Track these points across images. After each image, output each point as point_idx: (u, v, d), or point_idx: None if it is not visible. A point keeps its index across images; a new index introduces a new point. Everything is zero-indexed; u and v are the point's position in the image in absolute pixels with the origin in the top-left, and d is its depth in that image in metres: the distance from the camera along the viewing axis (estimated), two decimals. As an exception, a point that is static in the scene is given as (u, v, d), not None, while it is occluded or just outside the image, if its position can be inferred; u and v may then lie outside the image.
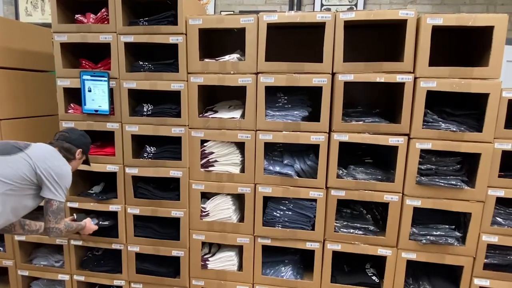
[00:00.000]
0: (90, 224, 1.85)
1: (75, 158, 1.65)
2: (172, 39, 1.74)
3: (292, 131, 1.73)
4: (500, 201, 1.65)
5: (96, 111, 1.86)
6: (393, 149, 1.67)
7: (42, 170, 1.47)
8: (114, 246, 1.99)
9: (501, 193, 1.62)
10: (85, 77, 1.84)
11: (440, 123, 1.62)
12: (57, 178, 1.51)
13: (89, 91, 1.85)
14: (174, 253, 1.93)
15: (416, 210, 1.69)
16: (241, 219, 1.90)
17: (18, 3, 3.84)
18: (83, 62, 1.93)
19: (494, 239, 1.65)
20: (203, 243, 1.94)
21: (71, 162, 1.64)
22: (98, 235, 1.94)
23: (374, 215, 1.86)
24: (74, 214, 1.91)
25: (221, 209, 1.87)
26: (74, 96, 1.92)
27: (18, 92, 2.16)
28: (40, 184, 1.50)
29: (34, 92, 2.29)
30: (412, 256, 1.73)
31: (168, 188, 1.96)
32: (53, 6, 1.83)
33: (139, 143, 1.94)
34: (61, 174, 1.53)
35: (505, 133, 1.57)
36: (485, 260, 1.68)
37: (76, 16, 1.88)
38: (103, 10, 1.83)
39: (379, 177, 1.74)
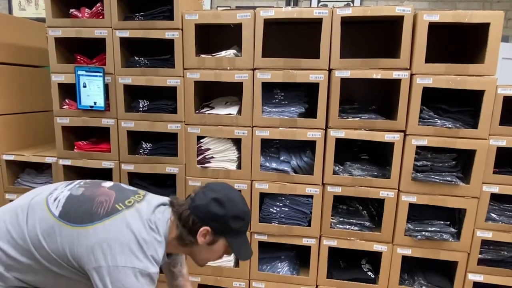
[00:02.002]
0: None
1: (197, 241, 1.12)
2: (168, 35, 1.73)
3: (289, 128, 1.73)
4: (494, 197, 1.66)
5: (91, 107, 1.85)
6: (389, 146, 1.68)
7: None
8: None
9: (495, 189, 1.63)
10: (80, 72, 1.82)
11: (436, 119, 1.63)
12: None
13: (84, 86, 1.83)
14: (171, 249, 1.93)
15: (412, 206, 1.70)
16: (238, 215, 1.90)
17: (11, -3, 3.80)
18: (78, 57, 1.91)
19: (488, 235, 1.67)
20: (200, 240, 1.94)
21: (192, 248, 1.15)
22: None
23: (370, 211, 1.87)
24: None
25: (218, 205, 1.87)
26: (69, 91, 1.90)
27: (12, 87, 2.14)
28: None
29: (28, 87, 2.27)
30: (408, 251, 1.74)
31: (165, 185, 1.95)
32: (47, 0, 1.81)
33: (135, 139, 1.93)
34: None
35: (500, 130, 1.59)
36: (479, 256, 1.70)
37: (71, 10, 1.86)
38: (98, 4, 1.81)
39: (375, 173, 1.75)
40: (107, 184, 1.22)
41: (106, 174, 1.95)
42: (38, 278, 1.13)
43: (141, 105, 1.86)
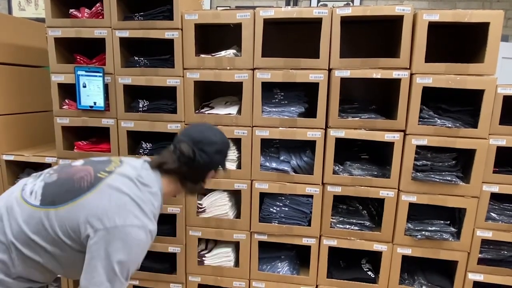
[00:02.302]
0: None
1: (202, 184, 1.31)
2: (167, 34, 1.73)
3: (289, 127, 1.73)
4: (494, 197, 1.66)
5: (91, 107, 1.85)
6: (389, 145, 1.68)
7: None
8: (110, 243, 1.98)
9: (495, 188, 1.63)
10: (79, 72, 1.82)
11: (436, 119, 1.63)
12: None
13: (84, 86, 1.83)
14: (171, 249, 1.93)
15: (412, 205, 1.70)
16: (238, 215, 1.90)
17: (11, -3, 3.80)
18: (78, 57, 1.91)
19: (488, 234, 1.67)
20: (200, 239, 1.94)
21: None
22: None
23: (370, 211, 1.87)
24: None
25: (218, 205, 1.87)
26: (69, 91, 1.90)
27: (11, 87, 2.14)
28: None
29: (28, 87, 2.27)
30: (408, 251, 1.74)
31: (164, 185, 1.95)
32: (47, 0, 1.81)
33: (135, 139, 1.93)
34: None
35: (500, 129, 1.58)
36: (479, 255, 1.70)
37: (70, 10, 1.86)
38: (98, 4, 1.81)
39: (375, 173, 1.75)
40: (78, 162, 1.22)
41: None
42: (43, 263, 1.12)
43: (141, 105, 1.86)
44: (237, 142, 1.81)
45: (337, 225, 1.79)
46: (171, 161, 1.20)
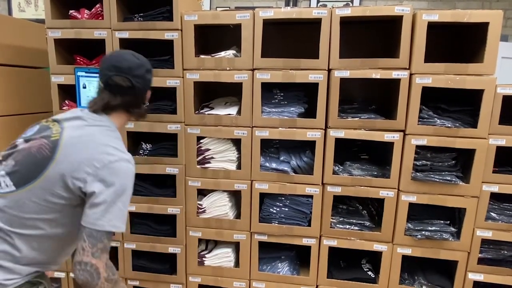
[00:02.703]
0: None
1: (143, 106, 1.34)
2: (167, 35, 1.73)
3: (288, 128, 1.73)
4: (494, 196, 1.66)
5: (91, 108, 1.85)
6: (389, 145, 1.68)
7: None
8: (110, 243, 1.98)
9: (495, 188, 1.63)
10: (79, 73, 1.82)
11: (435, 119, 1.63)
12: None
13: (84, 87, 1.83)
14: (171, 250, 1.93)
15: (412, 205, 1.70)
16: (238, 215, 1.90)
17: (11, -2, 3.80)
18: (78, 58, 1.91)
19: (488, 234, 1.67)
20: (200, 240, 1.95)
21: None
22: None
23: (370, 211, 1.87)
24: None
25: (218, 205, 1.87)
26: (69, 92, 1.90)
27: (11, 89, 2.14)
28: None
29: (28, 88, 2.27)
30: (408, 251, 1.74)
31: (164, 185, 1.95)
32: (47, 1, 1.81)
33: (135, 140, 1.94)
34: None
35: (499, 129, 1.59)
36: (479, 255, 1.70)
37: (70, 11, 1.86)
38: (98, 5, 1.81)
39: (375, 173, 1.75)
40: (20, 140, 1.20)
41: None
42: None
43: (140, 106, 1.86)
44: (237, 142, 1.81)
45: (337, 225, 1.79)
46: (112, 98, 1.22)
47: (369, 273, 1.83)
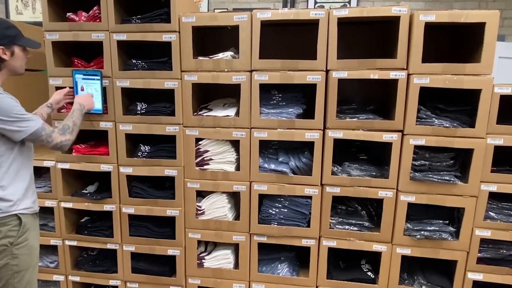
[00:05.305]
0: (80, 97, 1.71)
1: (4, 60, 1.48)
2: (165, 37, 1.73)
3: (287, 129, 1.73)
4: (492, 196, 1.67)
5: (89, 110, 1.84)
6: (387, 146, 1.68)
7: None
8: (109, 246, 1.98)
9: (493, 187, 1.64)
10: (77, 76, 1.82)
11: (434, 119, 1.63)
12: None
13: (82, 90, 1.83)
14: (170, 252, 1.93)
15: (410, 205, 1.70)
16: (237, 217, 1.90)
17: (8, 1, 3.80)
18: (76, 60, 1.91)
19: (487, 234, 1.67)
20: (199, 242, 1.94)
21: (8, 68, 1.51)
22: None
23: (369, 211, 1.88)
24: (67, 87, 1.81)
25: (217, 207, 1.87)
26: (67, 95, 1.90)
27: (9, 91, 2.13)
28: None
29: (26, 91, 2.26)
30: (407, 251, 1.75)
31: (163, 187, 1.95)
32: (44, 4, 1.81)
33: (133, 142, 1.93)
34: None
35: (497, 129, 1.59)
36: (479, 254, 1.70)
37: (68, 14, 1.86)
38: (95, 8, 1.81)
39: (374, 173, 1.75)
40: None
41: (105, 177, 1.95)
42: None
43: (139, 108, 1.86)
44: (236, 144, 1.81)
45: (336, 226, 1.79)
46: None
47: (369, 273, 1.83)
